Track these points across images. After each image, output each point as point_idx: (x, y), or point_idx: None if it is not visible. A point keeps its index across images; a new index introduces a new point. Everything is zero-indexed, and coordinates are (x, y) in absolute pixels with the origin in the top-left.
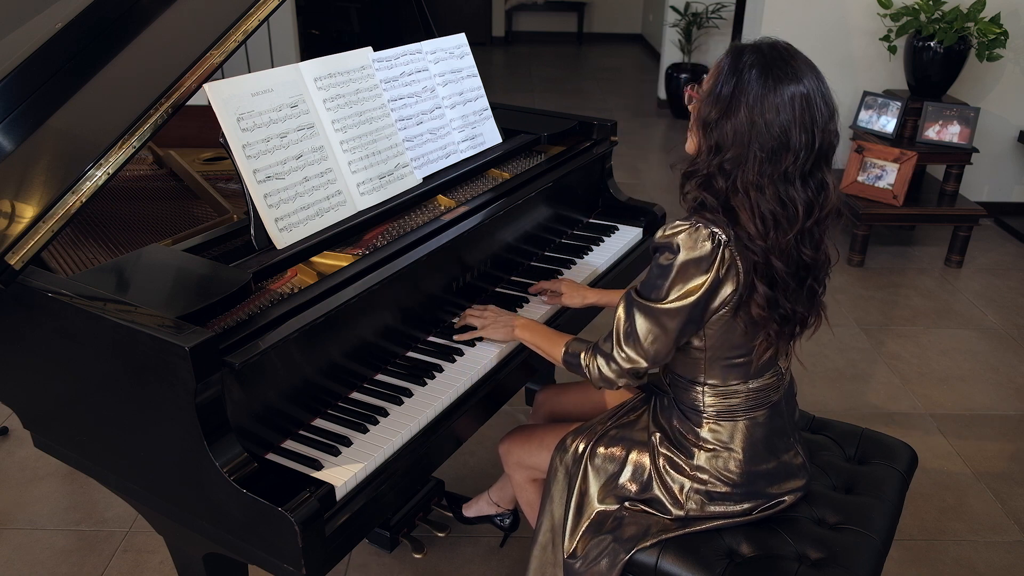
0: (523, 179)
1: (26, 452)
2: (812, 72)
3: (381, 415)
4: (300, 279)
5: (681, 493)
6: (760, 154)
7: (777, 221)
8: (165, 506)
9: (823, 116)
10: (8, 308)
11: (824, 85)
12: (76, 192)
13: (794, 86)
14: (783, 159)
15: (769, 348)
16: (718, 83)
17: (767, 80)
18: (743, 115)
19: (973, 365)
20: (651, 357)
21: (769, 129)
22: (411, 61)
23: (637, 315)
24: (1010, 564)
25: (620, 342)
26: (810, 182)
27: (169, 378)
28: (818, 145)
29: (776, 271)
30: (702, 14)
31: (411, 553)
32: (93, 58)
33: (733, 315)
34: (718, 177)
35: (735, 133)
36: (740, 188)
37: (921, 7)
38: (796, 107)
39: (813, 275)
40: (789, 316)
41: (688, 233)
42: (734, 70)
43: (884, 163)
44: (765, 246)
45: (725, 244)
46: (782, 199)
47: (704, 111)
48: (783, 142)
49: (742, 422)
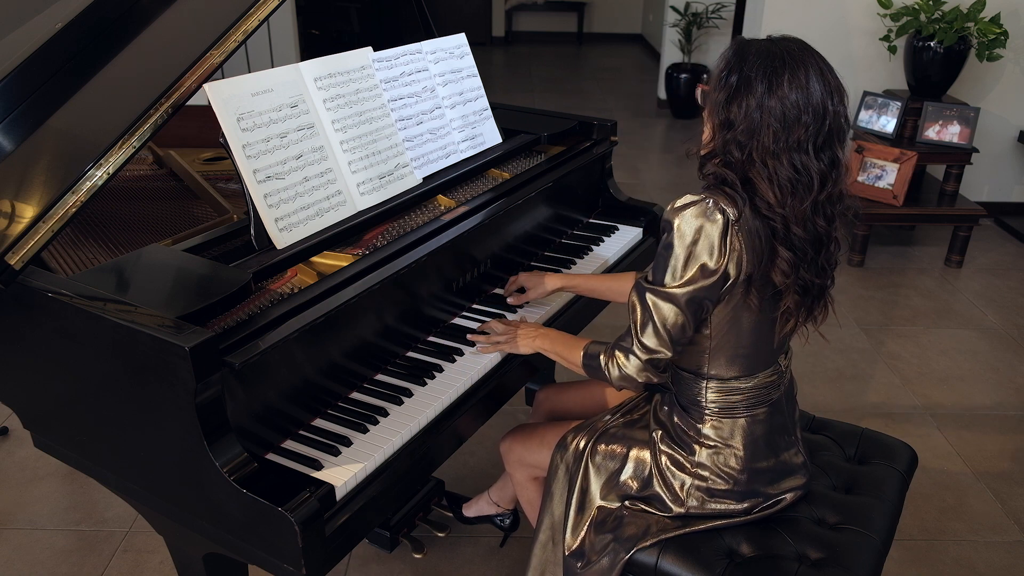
0: (523, 179)
1: (26, 452)
2: (819, 58)
3: (381, 415)
4: (300, 279)
5: (682, 490)
6: (771, 123)
7: (794, 188)
8: (165, 506)
9: (829, 95)
10: (8, 308)
11: (832, 71)
12: (76, 192)
13: (798, 65)
14: (795, 130)
15: (790, 320)
16: (726, 70)
17: (771, 60)
18: (755, 94)
19: (973, 365)
20: (671, 343)
21: (779, 101)
22: (411, 61)
23: (652, 301)
24: (1010, 564)
25: (638, 333)
26: (823, 155)
27: (169, 378)
28: (828, 121)
29: (796, 237)
30: (702, 14)
31: (411, 553)
32: (93, 58)
33: (743, 297)
34: (734, 150)
35: (746, 109)
36: (756, 158)
37: (921, 7)
38: (800, 81)
39: (826, 250)
40: (809, 286)
41: (697, 209)
42: (739, 54)
43: (884, 163)
44: (784, 213)
45: (732, 223)
46: (796, 167)
47: (714, 96)
48: (794, 115)
49: (743, 419)
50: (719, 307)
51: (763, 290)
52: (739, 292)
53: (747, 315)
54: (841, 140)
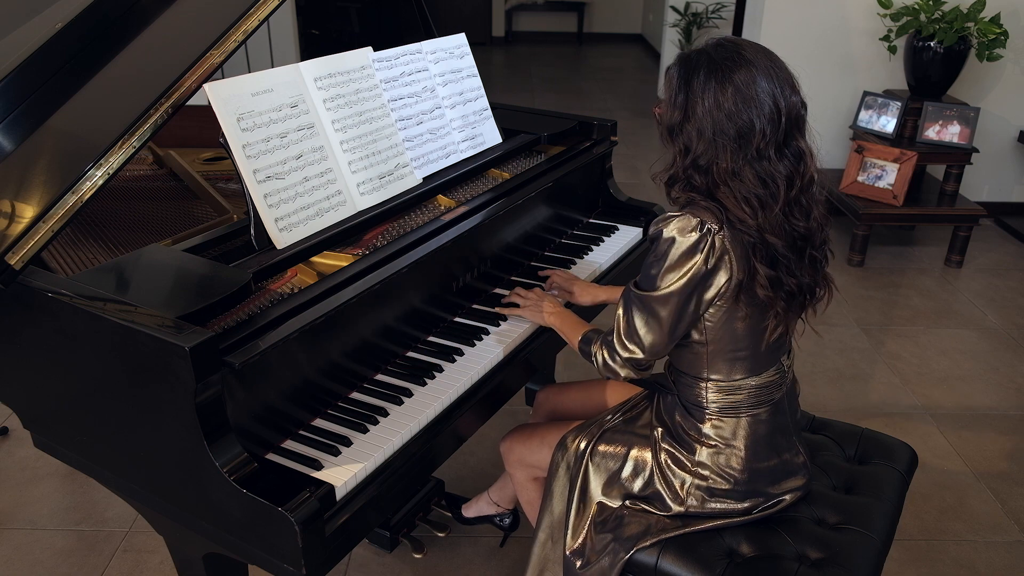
0: (523, 179)
1: (26, 452)
2: (761, 54)
3: (381, 415)
4: (300, 279)
5: (682, 489)
6: (727, 143)
7: (762, 201)
8: (165, 506)
9: (780, 90)
10: (8, 308)
11: (777, 61)
12: (76, 192)
13: (743, 72)
14: (751, 141)
15: (779, 326)
16: (673, 91)
17: (715, 74)
18: (700, 112)
19: (973, 365)
20: (648, 348)
21: (730, 119)
22: (411, 61)
23: (634, 307)
24: (1010, 564)
25: (620, 335)
26: (786, 152)
27: (169, 378)
28: (783, 119)
29: (774, 248)
30: (702, 14)
31: (411, 553)
32: (93, 58)
33: (734, 302)
34: (695, 175)
35: (699, 131)
36: (719, 180)
37: (921, 7)
38: (750, 90)
39: (811, 244)
40: (795, 291)
41: (678, 220)
42: (684, 75)
43: (884, 163)
44: (757, 225)
45: (715, 232)
46: (762, 178)
47: (666, 119)
48: (746, 126)
49: (745, 419)
50: (712, 312)
51: (751, 299)
52: (730, 298)
53: (740, 321)
54: (801, 127)
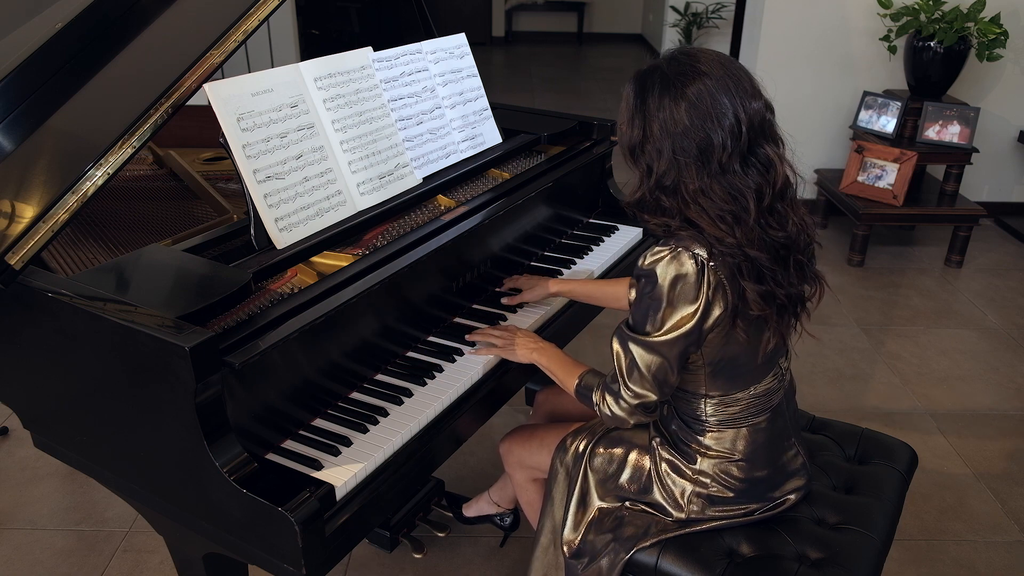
0: (523, 179)
1: (26, 452)
2: (717, 64)
3: (381, 415)
4: (300, 279)
5: (683, 497)
6: (689, 161)
7: (736, 216)
8: (165, 506)
9: (739, 98)
10: (8, 308)
11: (734, 68)
12: (76, 192)
13: (696, 84)
14: (712, 155)
15: (774, 337)
16: (629, 113)
17: (669, 90)
18: (657, 131)
19: (973, 365)
20: (658, 388)
21: (687, 135)
22: (411, 61)
23: (635, 349)
24: (1010, 564)
25: (624, 379)
26: (752, 161)
27: (169, 378)
28: (745, 127)
29: (759, 262)
30: (702, 14)
31: (411, 553)
32: (93, 58)
33: (731, 326)
34: (663, 197)
35: (658, 151)
36: (688, 200)
37: (921, 7)
38: (704, 103)
39: (794, 251)
40: (785, 304)
41: (669, 259)
42: (639, 95)
43: (884, 163)
44: (736, 242)
45: (707, 263)
46: (731, 193)
47: (625, 141)
48: (705, 141)
49: (744, 429)
50: (710, 338)
51: (746, 318)
52: (726, 323)
53: (736, 341)
54: (767, 133)
